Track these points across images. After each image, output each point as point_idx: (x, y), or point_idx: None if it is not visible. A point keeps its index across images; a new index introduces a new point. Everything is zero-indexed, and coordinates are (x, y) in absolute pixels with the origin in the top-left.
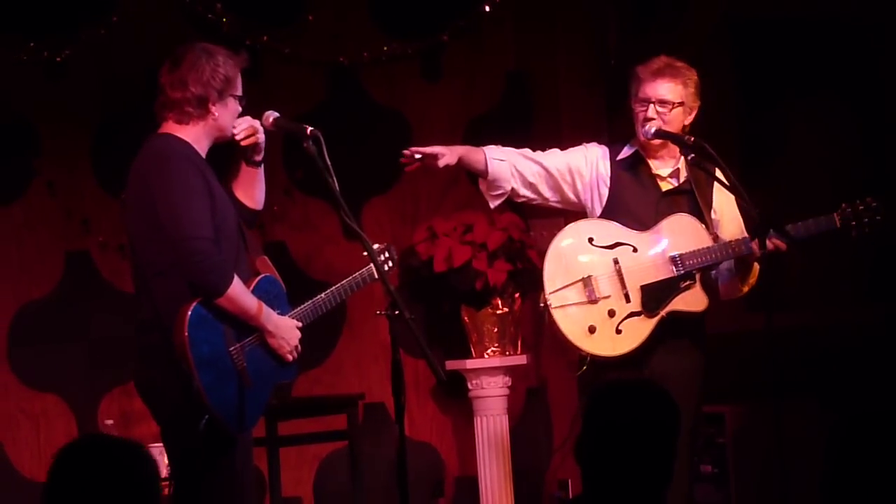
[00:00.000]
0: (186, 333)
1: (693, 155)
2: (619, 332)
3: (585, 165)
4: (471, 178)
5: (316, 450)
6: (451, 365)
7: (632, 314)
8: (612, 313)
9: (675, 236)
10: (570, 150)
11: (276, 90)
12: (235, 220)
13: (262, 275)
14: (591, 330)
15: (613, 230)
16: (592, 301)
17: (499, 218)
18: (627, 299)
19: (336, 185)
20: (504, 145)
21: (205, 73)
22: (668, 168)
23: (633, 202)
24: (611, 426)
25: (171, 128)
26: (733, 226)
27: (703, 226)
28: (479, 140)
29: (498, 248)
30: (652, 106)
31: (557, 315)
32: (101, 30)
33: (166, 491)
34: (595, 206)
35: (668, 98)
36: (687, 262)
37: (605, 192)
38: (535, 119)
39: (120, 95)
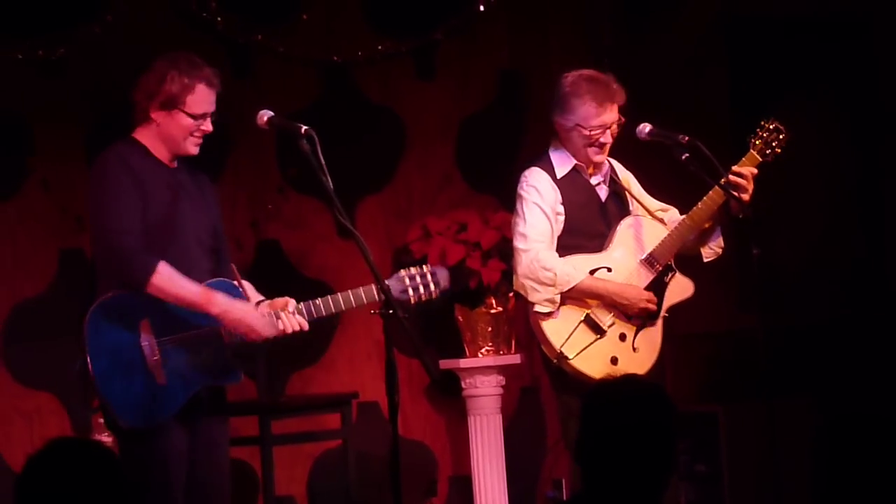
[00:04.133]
0: (88, 318)
1: (687, 154)
2: (636, 350)
3: (552, 212)
4: (464, 176)
5: (309, 448)
6: (445, 364)
7: (639, 329)
8: (623, 337)
9: (636, 239)
10: (536, 211)
11: (270, 89)
12: (193, 228)
13: (218, 279)
14: (614, 361)
15: (580, 262)
16: (601, 335)
17: (493, 217)
18: (629, 317)
19: (330, 183)
20: (497, 144)
21: (150, 83)
22: (600, 174)
23: (583, 218)
24: (610, 427)
25: (137, 129)
26: (648, 200)
27: (650, 217)
28: (473, 139)
29: (492, 247)
30: (608, 131)
31: (577, 363)
32: (95, 28)
33: None
34: (557, 231)
35: (615, 118)
36: (661, 258)
37: (563, 217)
38: (529, 118)
39: (114, 93)
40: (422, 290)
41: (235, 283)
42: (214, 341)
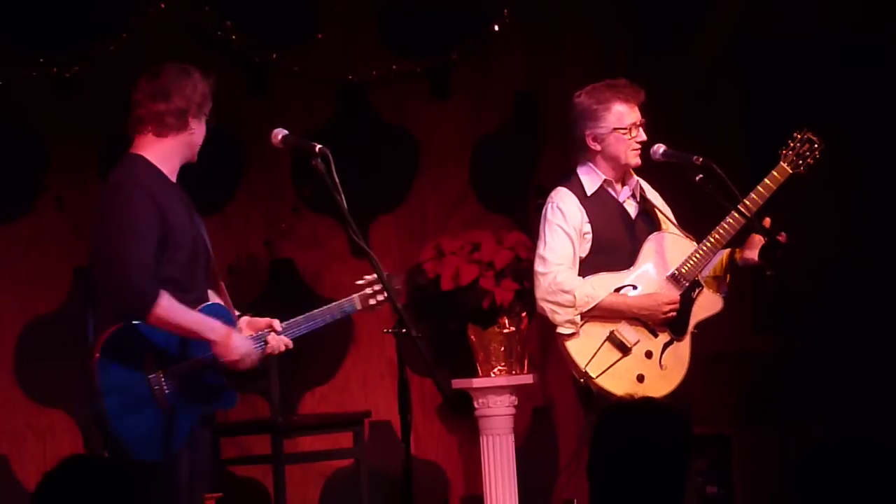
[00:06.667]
0: (97, 356)
1: (701, 175)
2: (663, 367)
3: (576, 234)
4: (478, 196)
5: (322, 468)
6: (458, 383)
7: (666, 345)
8: (649, 354)
9: (662, 256)
10: (558, 234)
11: (285, 108)
12: (196, 243)
13: (209, 302)
14: (640, 379)
15: (605, 280)
16: (626, 353)
17: (506, 237)
18: (655, 334)
19: (344, 202)
20: (511, 164)
21: (186, 87)
22: (629, 191)
23: (611, 237)
24: (623, 448)
25: (144, 144)
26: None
27: (679, 233)
28: (487, 159)
29: (505, 266)
30: (641, 129)
31: (603, 382)
32: (110, 46)
33: None
34: (583, 251)
35: (640, 117)
36: (687, 274)
37: (590, 236)
38: (543, 139)
39: (129, 111)
40: (379, 297)
41: (224, 306)
42: (213, 365)
